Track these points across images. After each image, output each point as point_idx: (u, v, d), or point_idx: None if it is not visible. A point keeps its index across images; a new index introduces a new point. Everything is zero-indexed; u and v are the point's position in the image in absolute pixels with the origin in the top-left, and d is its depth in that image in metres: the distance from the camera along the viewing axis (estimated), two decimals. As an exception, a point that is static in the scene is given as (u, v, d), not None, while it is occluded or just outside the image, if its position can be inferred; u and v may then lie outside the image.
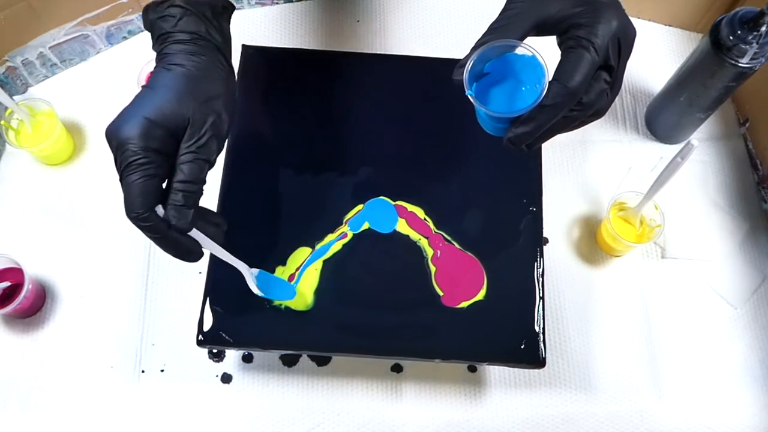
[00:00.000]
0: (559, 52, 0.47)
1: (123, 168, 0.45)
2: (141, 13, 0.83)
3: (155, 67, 0.49)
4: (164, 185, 0.47)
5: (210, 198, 0.74)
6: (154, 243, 0.47)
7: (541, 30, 0.47)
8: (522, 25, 0.47)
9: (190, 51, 0.48)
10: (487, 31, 0.48)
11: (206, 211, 0.51)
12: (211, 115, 0.47)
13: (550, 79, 0.45)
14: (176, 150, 0.47)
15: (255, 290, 0.58)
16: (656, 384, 0.71)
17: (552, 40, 0.48)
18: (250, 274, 0.58)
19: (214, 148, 0.48)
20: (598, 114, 0.49)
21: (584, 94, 0.46)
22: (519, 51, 0.47)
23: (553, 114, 0.46)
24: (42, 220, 0.77)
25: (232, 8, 0.55)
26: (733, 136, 0.83)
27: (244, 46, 0.69)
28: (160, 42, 0.50)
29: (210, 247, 0.51)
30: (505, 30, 0.47)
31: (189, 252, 0.48)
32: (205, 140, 0.47)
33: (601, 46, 0.45)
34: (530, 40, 0.47)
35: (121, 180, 0.45)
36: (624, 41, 0.46)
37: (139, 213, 0.45)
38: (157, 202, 0.46)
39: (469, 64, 0.46)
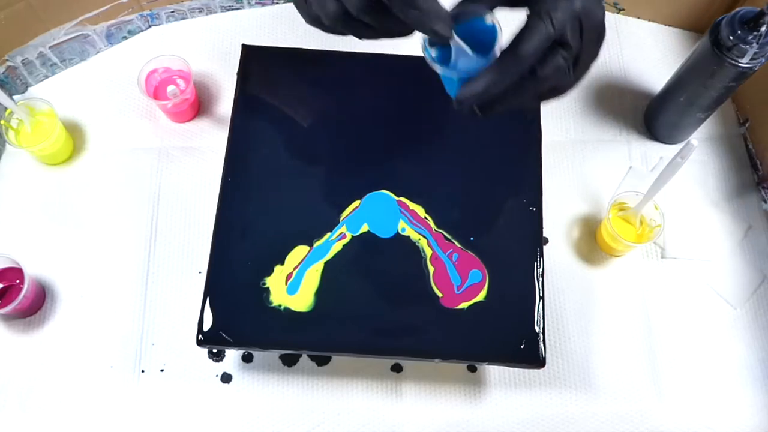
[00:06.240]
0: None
1: None
2: (140, 13, 0.84)
3: None
4: None
5: (209, 196, 0.74)
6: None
7: (511, 2, 0.48)
8: None
9: None
10: (459, 3, 0.48)
11: None
12: None
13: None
14: None
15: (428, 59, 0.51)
16: (656, 384, 0.71)
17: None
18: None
19: None
20: (557, 91, 0.49)
21: (538, 65, 0.46)
22: (488, 20, 0.48)
23: (501, 76, 0.46)
24: (42, 220, 0.77)
25: None
26: (733, 136, 0.83)
27: (244, 46, 0.70)
28: None
29: None
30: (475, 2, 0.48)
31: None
32: None
33: (559, 19, 0.44)
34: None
35: None
36: (587, 22, 0.46)
37: None
38: None
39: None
